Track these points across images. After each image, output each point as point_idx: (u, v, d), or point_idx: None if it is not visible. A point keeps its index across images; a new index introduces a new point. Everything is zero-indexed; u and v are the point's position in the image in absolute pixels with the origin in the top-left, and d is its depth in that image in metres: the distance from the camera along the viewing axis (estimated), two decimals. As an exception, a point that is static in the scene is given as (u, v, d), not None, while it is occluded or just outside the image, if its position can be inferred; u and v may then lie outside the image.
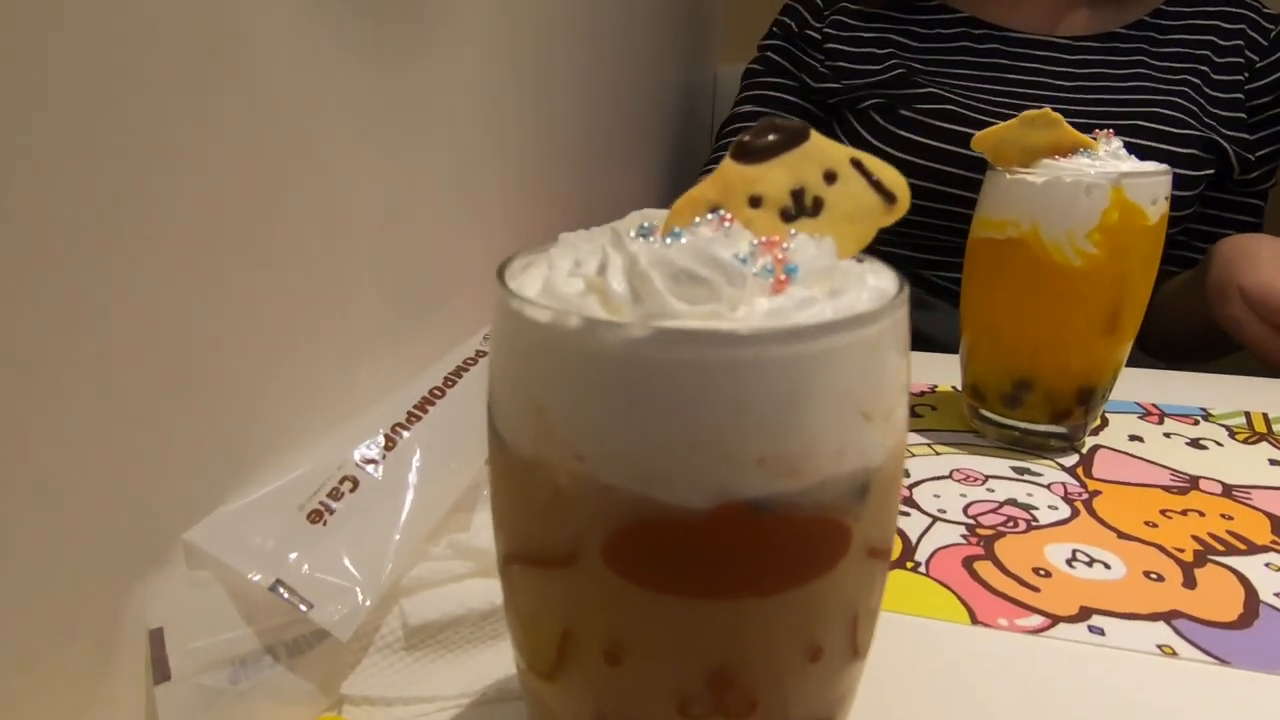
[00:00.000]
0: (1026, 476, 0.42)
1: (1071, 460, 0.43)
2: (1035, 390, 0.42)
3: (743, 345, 0.12)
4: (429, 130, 0.39)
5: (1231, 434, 0.47)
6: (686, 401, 0.12)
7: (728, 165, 0.17)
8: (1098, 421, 0.47)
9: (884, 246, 0.63)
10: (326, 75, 0.30)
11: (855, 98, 0.71)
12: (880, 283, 0.16)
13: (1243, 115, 0.66)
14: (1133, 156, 0.41)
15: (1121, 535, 0.36)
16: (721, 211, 0.16)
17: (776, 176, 0.16)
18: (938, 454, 0.44)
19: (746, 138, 0.17)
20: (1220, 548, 0.35)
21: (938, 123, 0.66)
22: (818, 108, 0.74)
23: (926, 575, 0.33)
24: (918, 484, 0.41)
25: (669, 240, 0.14)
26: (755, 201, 0.16)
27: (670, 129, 0.84)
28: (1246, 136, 0.66)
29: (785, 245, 0.15)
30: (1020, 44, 0.70)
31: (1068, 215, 0.38)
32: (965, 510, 0.38)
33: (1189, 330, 0.64)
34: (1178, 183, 0.67)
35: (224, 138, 0.26)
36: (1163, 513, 0.38)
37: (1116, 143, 0.40)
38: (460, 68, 0.42)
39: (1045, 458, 0.43)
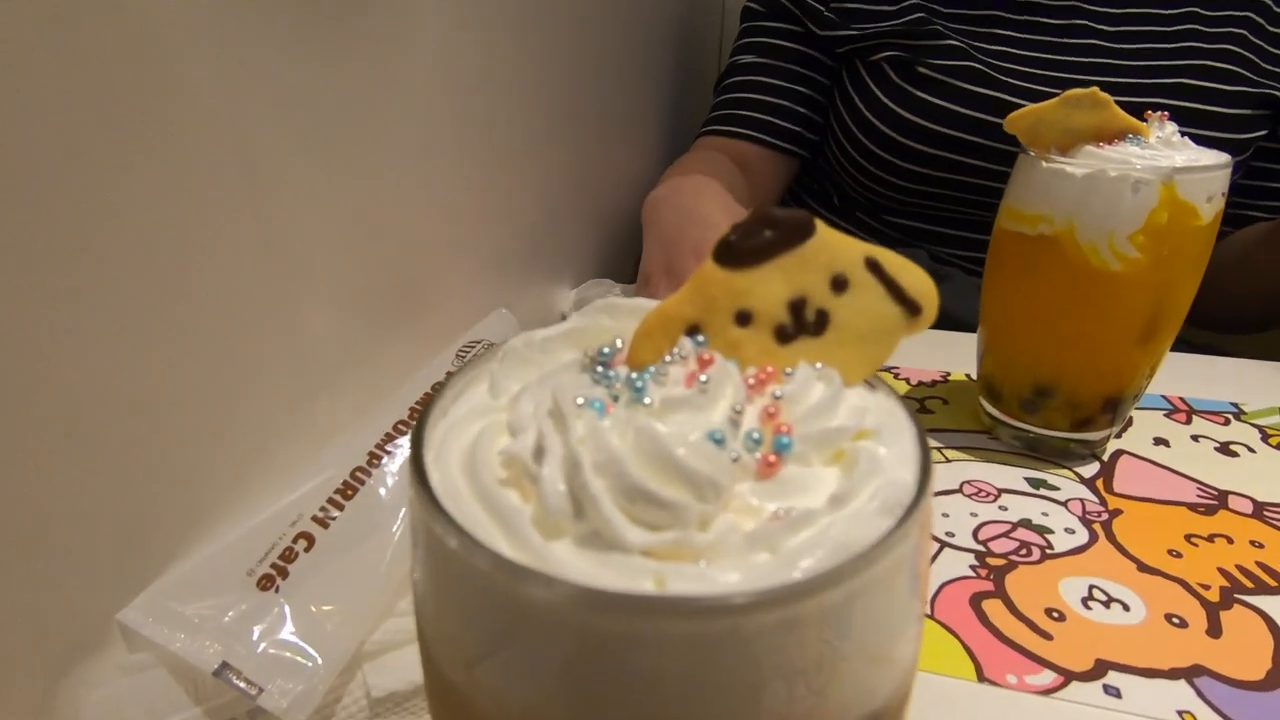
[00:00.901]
0: (1043, 490, 0.39)
1: (1092, 469, 0.41)
2: (1057, 397, 0.39)
3: (712, 616, 0.09)
4: (386, 129, 0.34)
5: (1265, 436, 0.43)
6: (636, 682, 0.09)
7: (710, 271, 0.13)
8: (1122, 423, 0.44)
9: (893, 217, 0.57)
10: (261, 74, 0.26)
11: (867, 47, 0.64)
12: (899, 466, 0.13)
13: None
14: (1188, 142, 0.36)
15: (1142, 568, 0.34)
16: (699, 340, 0.13)
17: (771, 285, 0.13)
18: (948, 460, 0.42)
19: (733, 236, 0.13)
20: (1249, 584, 0.33)
21: (960, 83, 0.60)
22: (827, 57, 0.67)
23: (932, 617, 0.31)
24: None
25: (626, 407, 0.11)
26: (744, 318, 0.13)
27: (670, 76, 0.77)
28: None
29: (779, 391, 0.12)
30: None
31: (1110, 214, 0.34)
32: (975, 533, 0.36)
33: (1260, 289, 0.59)
34: (1227, 146, 0.61)
35: (141, 155, 0.22)
36: (1188, 538, 0.35)
37: (1171, 127, 0.35)
38: (419, 55, 0.37)
39: (1064, 466, 0.41)
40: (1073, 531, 0.36)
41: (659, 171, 0.76)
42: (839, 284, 0.13)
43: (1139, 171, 0.33)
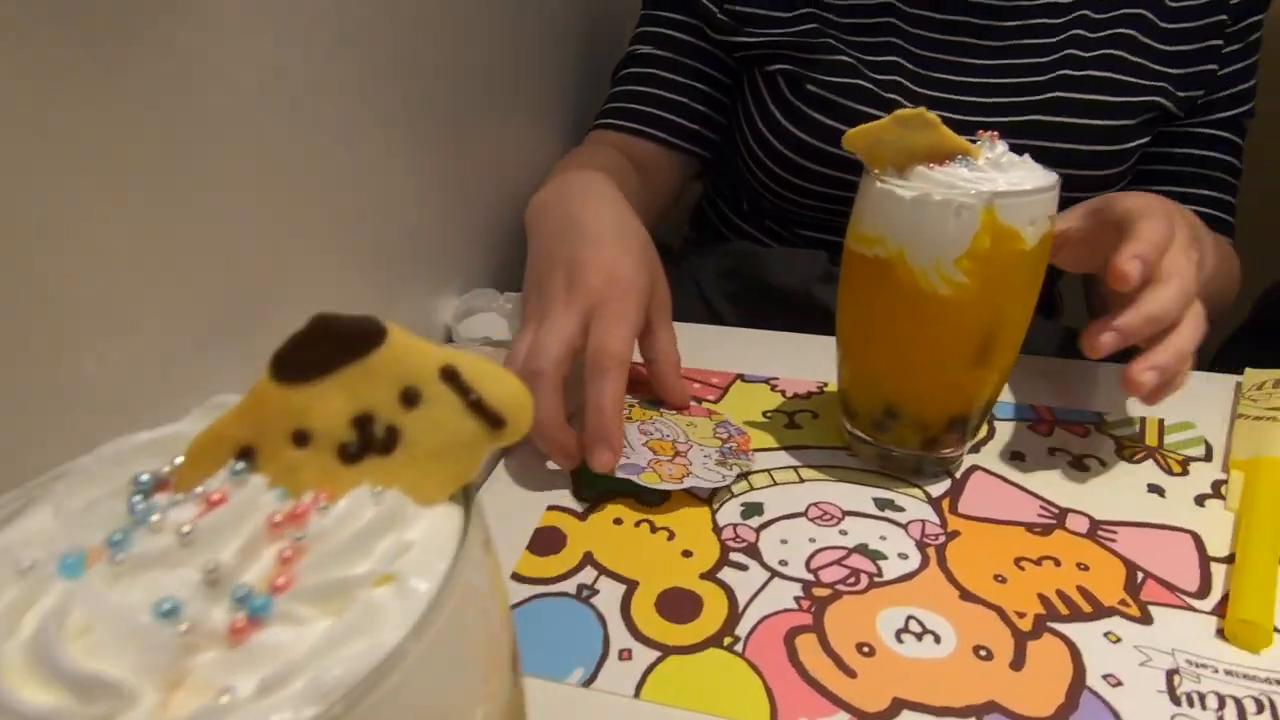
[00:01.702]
0: (888, 512, 0.39)
1: (942, 487, 0.41)
2: (904, 417, 0.39)
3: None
4: (198, 145, 0.32)
5: (1119, 448, 0.44)
6: None
7: (264, 388, 0.12)
8: (980, 434, 0.44)
9: (799, 228, 0.55)
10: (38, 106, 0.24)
11: (760, 55, 0.62)
12: (422, 577, 0.11)
13: (1208, 62, 0.59)
14: (1026, 161, 0.35)
15: (964, 595, 0.34)
16: (238, 468, 0.12)
17: (333, 401, 0.12)
18: (802, 481, 0.41)
19: (288, 348, 0.12)
20: (1064, 610, 0.33)
21: (848, 102, 0.58)
22: (726, 55, 0.65)
23: (742, 657, 0.31)
24: (770, 524, 0.38)
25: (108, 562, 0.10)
26: (302, 438, 0.12)
27: (571, 64, 0.75)
28: (1207, 79, 0.59)
29: (303, 532, 0.11)
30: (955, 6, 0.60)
31: (936, 239, 0.34)
32: (808, 562, 0.36)
33: None
34: (1108, 159, 0.61)
35: None
36: (1017, 562, 0.35)
37: (1001, 148, 0.34)
38: (230, 65, 0.35)
39: (915, 485, 0.41)
40: (905, 557, 0.36)
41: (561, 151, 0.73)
42: (410, 397, 0.12)
43: (961, 196, 0.33)
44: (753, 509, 0.39)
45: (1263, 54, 0.61)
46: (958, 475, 0.42)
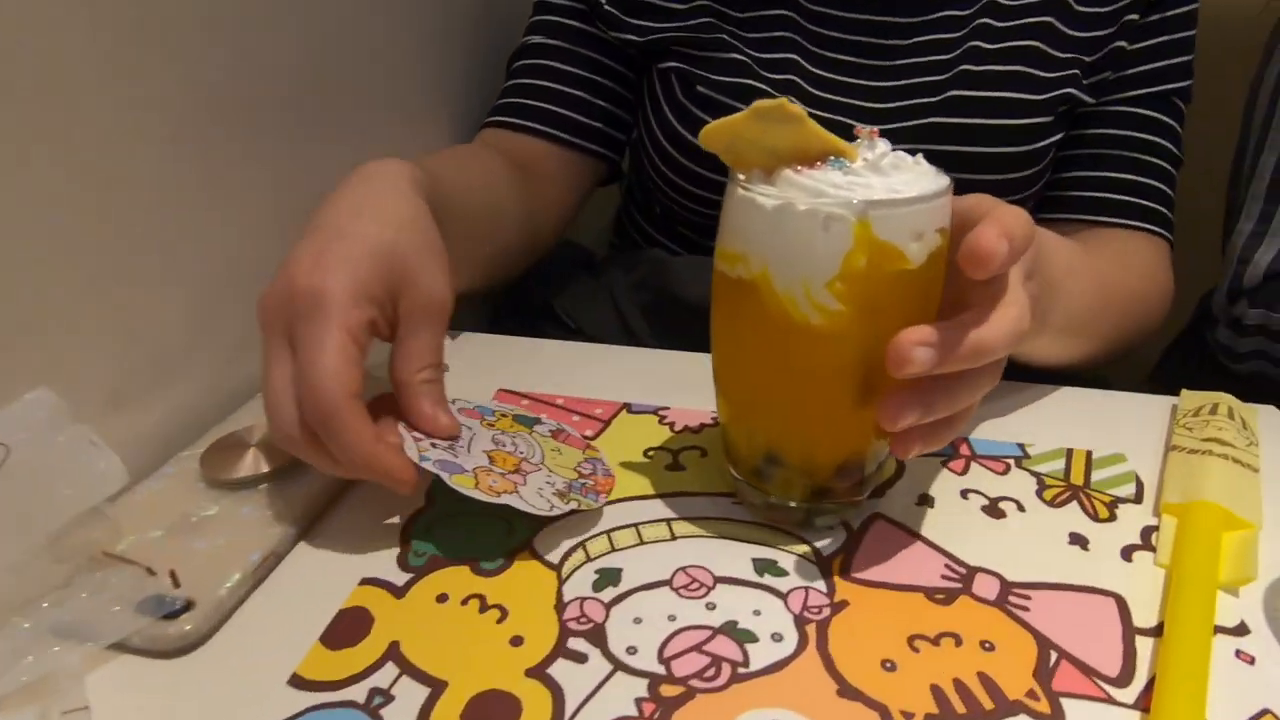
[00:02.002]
0: (767, 577, 0.33)
1: (837, 542, 0.35)
2: (786, 465, 0.33)
3: None
4: None
5: (1041, 488, 0.38)
6: None
7: None
8: (888, 473, 0.39)
9: (712, 240, 0.45)
10: None
11: (652, 51, 0.56)
12: None
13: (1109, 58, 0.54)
14: (911, 162, 0.29)
15: (844, 690, 0.28)
16: None
17: None
18: (674, 538, 0.35)
19: None
20: (961, 708, 0.27)
21: (736, 104, 0.52)
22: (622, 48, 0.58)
23: (555, 788, 0.25)
24: (625, 596, 0.32)
25: None
26: None
27: (462, 50, 0.68)
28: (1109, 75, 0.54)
29: None
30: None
31: (803, 257, 0.28)
32: (662, 648, 0.29)
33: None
34: (1010, 162, 0.53)
35: None
36: (911, 642, 0.30)
37: (881, 147, 0.28)
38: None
39: (804, 541, 0.35)
40: (780, 638, 0.30)
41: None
42: None
43: (829, 205, 0.27)
44: (608, 577, 0.33)
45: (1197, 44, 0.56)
46: (856, 526, 0.36)
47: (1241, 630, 0.30)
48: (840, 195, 0.27)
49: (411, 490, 0.33)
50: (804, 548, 0.34)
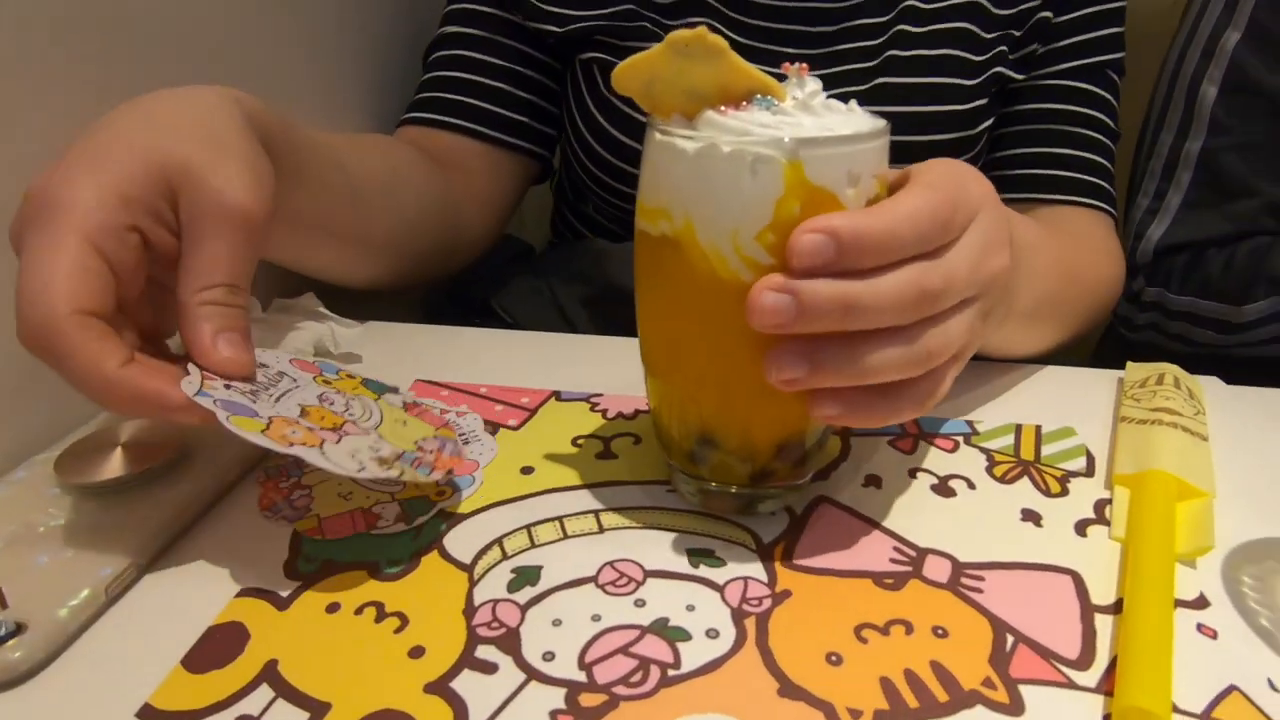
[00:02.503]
0: (703, 568, 0.30)
1: (777, 528, 0.32)
2: (721, 447, 0.30)
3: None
4: None
5: (991, 464, 0.37)
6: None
7: None
8: (833, 454, 0.36)
9: (623, 230, 0.40)
10: None
11: (572, 41, 0.53)
12: None
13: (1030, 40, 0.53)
14: (853, 106, 0.27)
15: (785, 689, 0.25)
16: None
17: None
18: (601, 531, 0.32)
19: None
20: (913, 702, 0.24)
21: None
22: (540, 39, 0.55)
23: (450, 822, 0.21)
24: (544, 597, 0.28)
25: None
26: None
27: (376, 44, 0.63)
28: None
29: None
30: None
31: (729, 206, 0.25)
32: (583, 653, 0.26)
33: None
34: (946, 148, 0.51)
35: None
36: (859, 632, 0.27)
37: (813, 84, 0.26)
38: None
39: (744, 529, 0.32)
40: (715, 634, 0.27)
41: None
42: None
43: (757, 146, 0.24)
44: (526, 576, 0.29)
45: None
46: (799, 510, 0.33)
47: (1201, 603, 0.29)
48: (769, 135, 0.24)
49: (192, 418, 0.26)
50: (744, 535, 0.31)
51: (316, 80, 0.56)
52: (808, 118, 0.25)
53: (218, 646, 0.26)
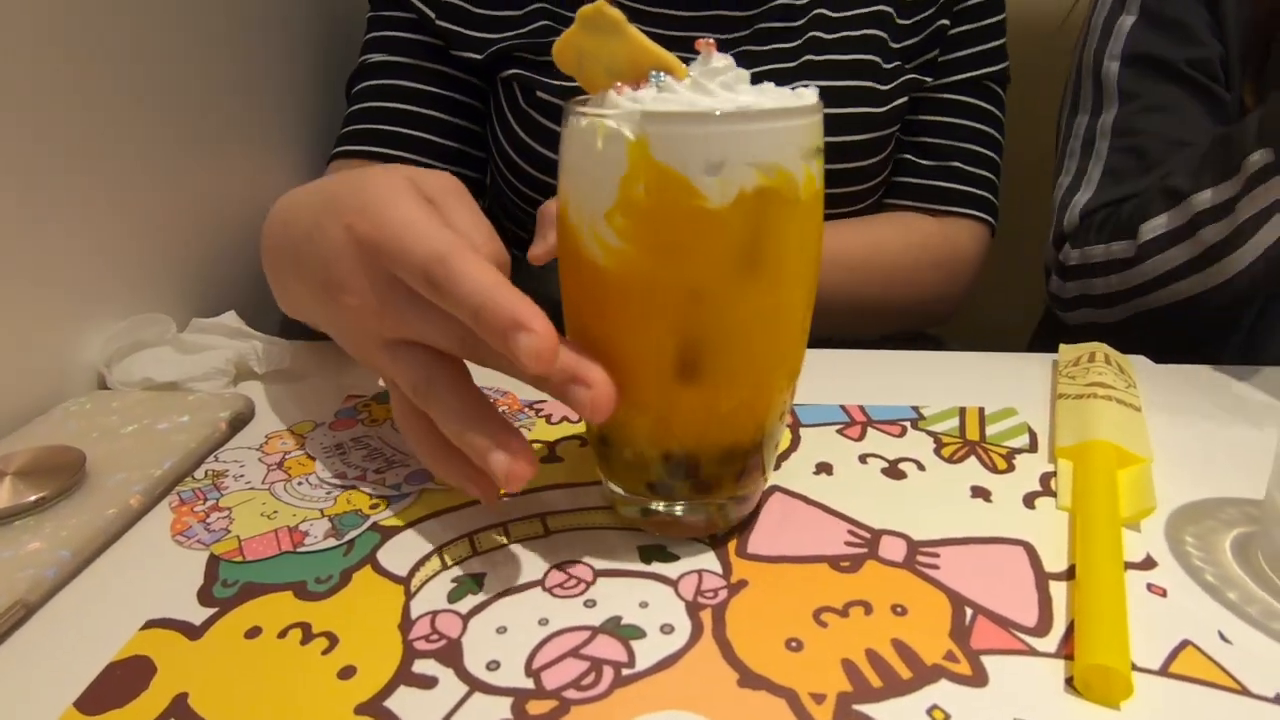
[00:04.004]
0: (655, 564, 0.28)
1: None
2: (622, 450, 0.28)
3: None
4: None
5: (938, 446, 0.37)
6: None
7: None
8: (782, 445, 0.36)
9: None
10: None
11: (493, 61, 0.53)
12: None
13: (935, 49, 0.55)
14: (800, 91, 0.25)
15: (746, 679, 0.24)
16: None
17: None
18: (548, 534, 0.30)
19: None
20: (876, 681, 0.24)
21: None
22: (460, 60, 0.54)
23: None
24: (487, 605, 0.26)
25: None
26: None
27: (305, 75, 0.62)
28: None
29: None
30: None
31: (584, 183, 0.24)
32: (530, 659, 0.24)
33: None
34: (861, 149, 0.53)
35: None
36: (818, 616, 0.26)
37: (722, 62, 0.25)
38: None
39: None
40: (670, 630, 0.25)
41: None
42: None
43: (608, 119, 0.22)
44: (467, 585, 0.27)
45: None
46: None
47: (1149, 564, 0.29)
48: (628, 108, 0.23)
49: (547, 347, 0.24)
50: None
51: (252, 119, 0.54)
52: (698, 95, 0.24)
53: (118, 684, 0.23)
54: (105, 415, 0.37)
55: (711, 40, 0.24)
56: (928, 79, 0.56)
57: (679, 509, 0.29)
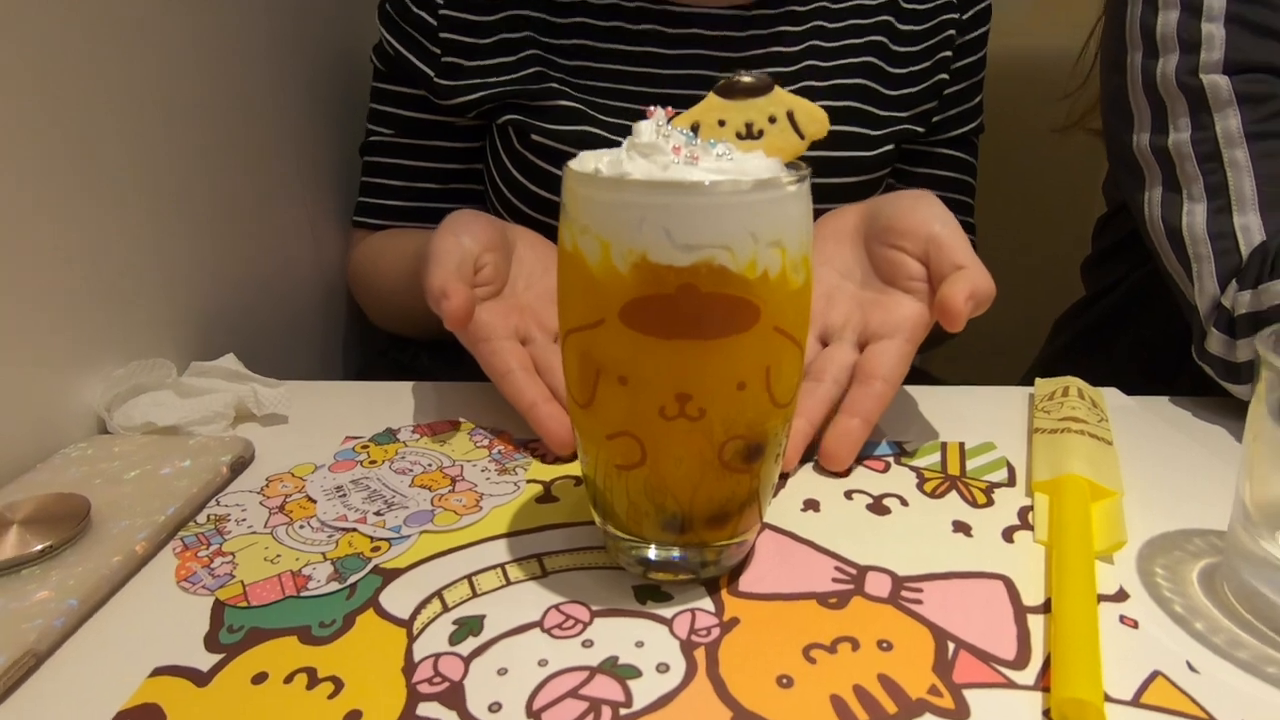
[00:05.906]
0: (650, 604, 0.29)
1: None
2: (615, 502, 0.29)
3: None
4: None
5: (921, 481, 0.38)
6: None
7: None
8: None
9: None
10: None
11: (490, 109, 0.56)
12: None
13: (930, 99, 0.58)
14: (719, 150, 0.25)
15: (738, 716, 0.24)
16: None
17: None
18: (545, 574, 0.31)
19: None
20: (864, 717, 0.25)
21: (573, 149, 0.52)
22: (463, 120, 0.58)
23: None
24: (488, 646, 0.27)
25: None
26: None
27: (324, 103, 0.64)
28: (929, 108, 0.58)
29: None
30: (681, 21, 0.56)
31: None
32: (531, 700, 0.25)
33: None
34: (850, 191, 0.54)
35: None
36: (807, 653, 0.27)
37: (648, 131, 0.24)
38: None
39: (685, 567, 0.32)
40: (666, 669, 0.26)
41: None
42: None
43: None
44: (469, 627, 0.28)
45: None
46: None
47: (1121, 596, 0.30)
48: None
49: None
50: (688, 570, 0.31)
51: (253, 165, 0.56)
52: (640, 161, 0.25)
53: (129, 732, 0.24)
54: (107, 460, 0.38)
55: (668, 108, 0.26)
56: (920, 129, 0.58)
57: (674, 554, 0.30)
